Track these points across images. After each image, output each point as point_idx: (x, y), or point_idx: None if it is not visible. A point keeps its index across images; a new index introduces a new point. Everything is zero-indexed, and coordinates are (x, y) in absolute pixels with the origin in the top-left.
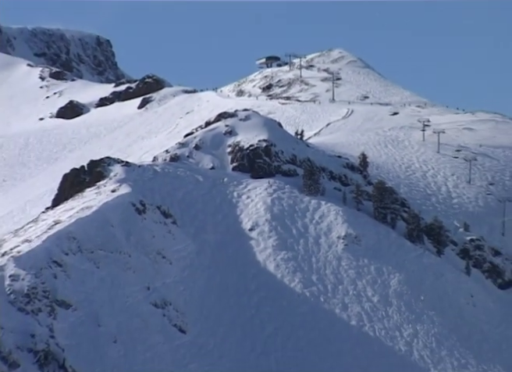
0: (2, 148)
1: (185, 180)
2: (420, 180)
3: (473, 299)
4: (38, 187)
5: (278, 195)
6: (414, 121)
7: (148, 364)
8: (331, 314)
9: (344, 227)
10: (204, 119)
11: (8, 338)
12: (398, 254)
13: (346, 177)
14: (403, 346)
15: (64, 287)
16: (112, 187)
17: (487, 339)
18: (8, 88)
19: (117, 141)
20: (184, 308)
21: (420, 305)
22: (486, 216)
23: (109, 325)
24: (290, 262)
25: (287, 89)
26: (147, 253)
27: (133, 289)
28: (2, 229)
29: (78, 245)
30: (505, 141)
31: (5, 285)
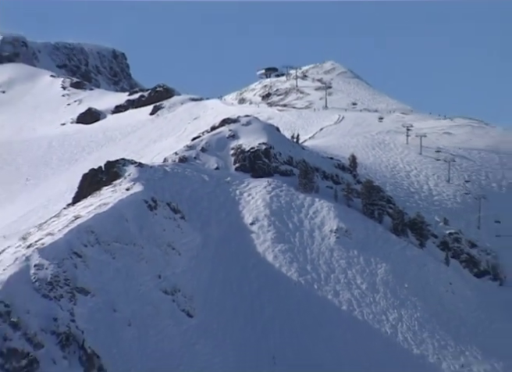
0: (28, 151)
1: (192, 179)
2: (404, 180)
3: (452, 287)
4: (60, 186)
5: (276, 193)
6: (398, 126)
7: (159, 345)
8: (324, 300)
9: (336, 221)
10: (210, 125)
11: (34, 322)
12: (384, 246)
13: (337, 176)
14: (389, 329)
15: (83, 275)
16: (127, 185)
17: (464, 323)
18: (33, 97)
19: (131, 144)
20: (191, 294)
21: (404, 292)
22: (463, 211)
23: (124, 310)
24: (287, 254)
25: (284, 97)
26: (158, 245)
27: (145, 278)
28: (28, 223)
29: (96, 237)
30: (480, 144)
31: (30, 274)
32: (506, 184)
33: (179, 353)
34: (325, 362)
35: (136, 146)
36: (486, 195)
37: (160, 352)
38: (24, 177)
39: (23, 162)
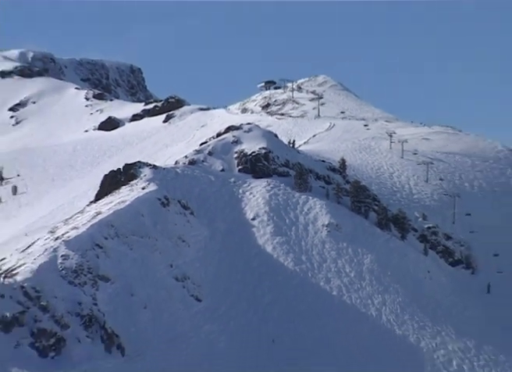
0: (55, 154)
1: (200, 179)
2: (387, 180)
3: (429, 274)
4: (83, 186)
5: (274, 192)
6: (382, 133)
7: (171, 326)
8: (317, 286)
9: (327, 217)
10: (216, 131)
11: (60, 305)
12: (370, 239)
13: (328, 177)
14: (374, 312)
15: (104, 264)
16: (142, 185)
17: (440, 306)
18: (60, 107)
19: (146, 149)
20: (200, 281)
21: (387, 279)
22: (440, 208)
23: (140, 295)
24: (284, 245)
25: (282, 107)
26: (170, 238)
27: (159, 266)
28: (55, 219)
29: (115, 231)
30: (455, 148)
31: (57, 263)
32: (477, 184)
33: (189, 333)
34: (318, 341)
35: (150, 150)
36: (460, 194)
37: (172, 332)
38: (52, 178)
39: (50, 165)
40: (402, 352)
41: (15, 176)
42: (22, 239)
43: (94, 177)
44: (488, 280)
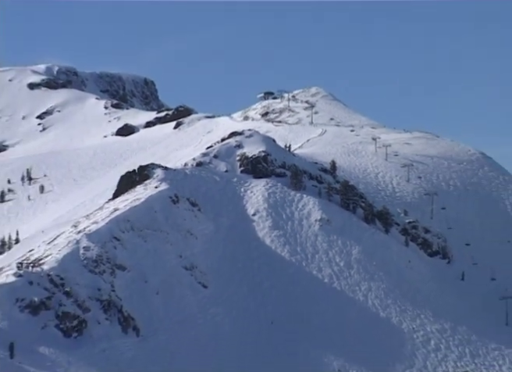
0: (78, 157)
1: (206, 179)
2: (373, 180)
3: (410, 264)
4: (103, 185)
5: (272, 190)
6: (368, 138)
7: (181, 310)
8: (310, 274)
9: (319, 213)
10: (220, 137)
11: (82, 291)
12: (357, 232)
13: (321, 177)
14: (361, 297)
15: (121, 255)
16: (155, 184)
17: (420, 292)
18: (82, 115)
19: (158, 152)
20: (206, 270)
21: (373, 268)
22: (419, 205)
23: (153, 282)
24: (281, 238)
25: (279, 115)
26: (180, 231)
27: (169, 257)
28: (78, 214)
29: (131, 225)
30: (433, 152)
31: (80, 254)
32: (452, 184)
33: (196, 316)
34: (311, 322)
35: (162, 153)
36: (437, 192)
37: (181, 315)
38: (75, 178)
39: (73, 167)
40: (385, 332)
41: (42, 176)
42: (48, 232)
43: (112, 177)
44: (462, 269)
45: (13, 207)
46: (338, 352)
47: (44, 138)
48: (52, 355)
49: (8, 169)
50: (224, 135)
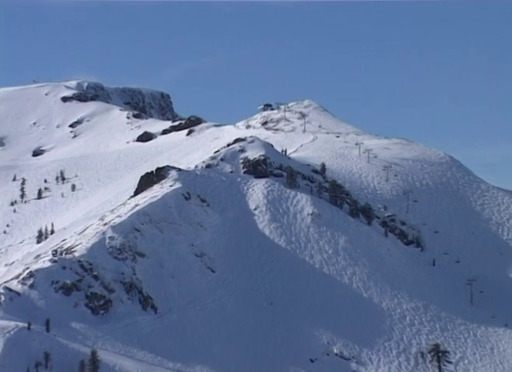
0: (104, 160)
1: (214, 179)
2: (357, 180)
3: (389, 251)
4: (125, 184)
5: (271, 188)
6: (353, 144)
7: (192, 291)
8: (303, 261)
9: (311, 207)
10: (226, 143)
11: (108, 275)
12: (344, 224)
13: (312, 177)
14: (347, 280)
15: (141, 244)
16: (170, 183)
17: (397, 275)
18: (107, 124)
19: (173, 156)
20: (214, 257)
21: (357, 255)
22: (397, 201)
23: (169, 267)
24: (278, 229)
25: (276, 124)
26: (191, 224)
27: (182, 245)
28: (104, 209)
29: (149, 218)
30: (408, 155)
31: (106, 243)
32: (425, 183)
33: (205, 296)
34: (304, 302)
35: (176, 157)
36: (412, 190)
37: (192, 295)
38: (101, 178)
39: (100, 168)
40: (368, 310)
41: (73, 176)
42: (79, 224)
43: (133, 177)
44: (433, 256)
45: (49, 203)
46: (327, 327)
47: (75, 144)
48: (82, 330)
49: (44, 171)
50: (229, 141)
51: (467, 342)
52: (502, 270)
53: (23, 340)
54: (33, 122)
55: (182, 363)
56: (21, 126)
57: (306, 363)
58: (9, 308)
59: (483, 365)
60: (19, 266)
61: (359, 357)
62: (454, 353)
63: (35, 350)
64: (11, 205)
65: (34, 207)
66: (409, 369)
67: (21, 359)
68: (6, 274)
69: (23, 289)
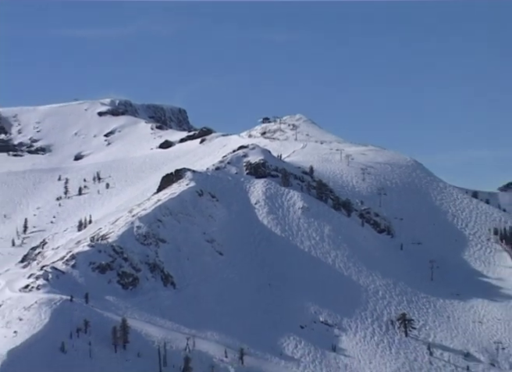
0: (132, 163)
1: (222, 179)
2: (339, 179)
3: (365, 238)
4: (149, 183)
5: (268, 187)
6: (335, 150)
7: (204, 270)
8: (295, 246)
9: (302, 202)
10: (232, 149)
11: (135, 257)
12: (328, 216)
13: (302, 177)
14: (331, 261)
15: (163, 232)
16: (186, 182)
17: (372, 258)
18: (135, 134)
19: (188, 160)
20: (222, 243)
21: (339, 241)
22: (371, 197)
23: (185, 251)
24: (275, 220)
25: (273, 134)
26: (203, 215)
27: (196, 233)
28: (132, 203)
29: (169, 211)
30: (381, 159)
31: (134, 231)
32: (394, 182)
33: (215, 275)
34: (295, 280)
35: (191, 161)
36: (383, 188)
37: (204, 274)
38: (130, 178)
39: (129, 170)
40: (347, 286)
41: (107, 177)
42: (112, 216)
43: (156, 177)
44: (401, 241)
45: (87, 198)
46: (314, 300)
47: (108, 150)
48: (114, 302)
49: (83, 172)
50: (234, 148)
51: (428, 312)
52: (457, 253)
53: (67, 310)
54: (75, 132)
55: (195, 329)
56: (65, 136)
57: (297, 329)
58: (55, 284)
59: (441, 330)
60: (63, 250)
61: (340, 324)
62: (418, 321)
63: (76, 318)
64: (56, 200)
65: (75, 202)
66: (381, 334)
67: (65, 326)
68: (53, 257)
69: (67, 269)
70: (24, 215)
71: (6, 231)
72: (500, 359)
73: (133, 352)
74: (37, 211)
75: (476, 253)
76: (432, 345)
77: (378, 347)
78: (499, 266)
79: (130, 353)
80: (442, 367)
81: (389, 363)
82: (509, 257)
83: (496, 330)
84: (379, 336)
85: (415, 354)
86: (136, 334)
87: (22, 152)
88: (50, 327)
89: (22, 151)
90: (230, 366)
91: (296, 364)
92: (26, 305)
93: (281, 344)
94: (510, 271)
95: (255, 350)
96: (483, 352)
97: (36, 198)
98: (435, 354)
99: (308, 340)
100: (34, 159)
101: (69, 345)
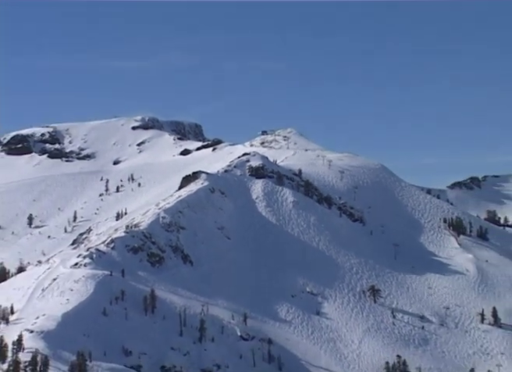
0: (159, 167)
1: (229, 179)
2: (322, 179)
3: (342, 225)
4: (172, 182)
5: (266, 185)
6: (319, 156)
7: (216, 251)
8: (287, 232)
9: (292, 197)
10: (237, 156)
11: (161, 240)
12: (313, 208)
13: (293, 178)
14: (315, 244)
15: (182, 221)
16: (201, 182)
17: (348, 240)
18: (161, 144)
19: (203, 164)
20: (229, 229)
21: (321, 228)
22: (348, 193)
23: (200, 236)
24: (271, 212)
25: (270, 144)
26: (215, 208)
27: (209, 222)
28: (158, 199)
29: (188, 204)
30: (355, 163)
31: (160, 220)
32: (366, 181)
33: (224, 255)
34: (287, 259)
35: (205, 165)
36: (357, 186)
37: (216, 254)
38: (158, 179)
39: (157, 172)
40: (329, 264)
41: (139, 178)
42: (142, 208)
43: (177, 178)
44: (371, 228)
45: (123, 195)
46: (303, 275)
47: (140, 157)
48: (145, 276)
49: (120, 174)
50: (239, 155)
51: (392, 284)
52: (414, 237)
53: (107, 282)
54: (114, 143)
55: (209, 298)
56: (106, 145)
57: (289, 297)
58: (99, 262)
59: (402, 298)
60: (104, 235)
61: (323, 294)
62: (383, 291)
63: (115, 289)
64: (99, 196)
65: (114, 197)
66: (355, 301)
67: (106, 295)
68: (96, 241)
69: (107, 250)
70: (74, 208)
71: (60, 221)
72: (448, 320)
73: (159, 315)
74: (84, 205)
75: (429, 237)
76: (394, 309)
77: (352, 311)
78: (448, 247)
79: (157, 316)
80: (402, 327)
81: (361, 324)
82: (455, 240)
83: (444, 298)
84: (353, 303)
85: (381, 317)
86: (161, 302)
87: (72, 159)
88: (94, 296)
89: (72, 157)
90: (236, 327)
91: (288, 325)
92: (75, 278)
93: (276, 309)
94: (455, 251)
95: (256, 314)
96: (434, 315)
97: (83, 194)
98: (397, 317)
99: (297, 306)
100: (82, 164)
101: (109, 310)
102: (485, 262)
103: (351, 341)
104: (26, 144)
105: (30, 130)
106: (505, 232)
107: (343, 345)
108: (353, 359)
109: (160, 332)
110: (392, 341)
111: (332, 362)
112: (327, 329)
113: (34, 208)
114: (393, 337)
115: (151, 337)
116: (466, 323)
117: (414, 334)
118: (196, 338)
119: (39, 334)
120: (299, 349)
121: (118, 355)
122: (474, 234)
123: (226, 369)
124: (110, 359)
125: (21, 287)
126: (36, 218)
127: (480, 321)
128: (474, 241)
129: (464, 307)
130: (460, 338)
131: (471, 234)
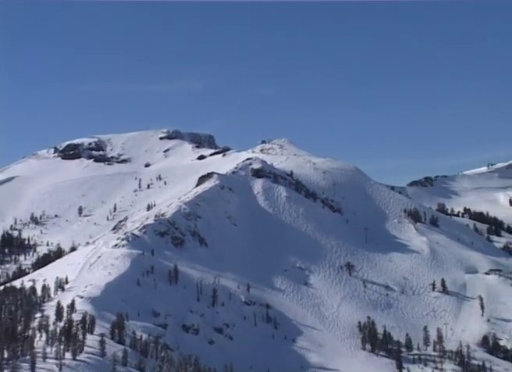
0: (179, 170)
1: (235, 179)
2: (308, 178)
3: (325, 216)
4: (191, 181)
5: (265, 183)
6: (307, 161)
7: (225, 236)
8: (282, 221)
9: (285, 193)
10: (242, 160)
11: (183, 227)
12: (302, 201)
13: (286, 178)
14: (304, 230)
15: (199, 211)
16: (214, 180)
17: (329, 228)
18: (182, 151)
19: (215, 166)
20: (236, 218)
21: (309, 217)
22: (330, 189)
23: (213, 224)
24: (270, 204)
25: (268, 151)
26: (225, 201)
27: (220, 213)
28: (180, 194)
29: (203, 198)
30: (335, 166)
31: (181, 211)
32: (344, 180)
33: (232, 239)
34: (282, 242)
35: (217, 167)
36: (336, 184)
37: (226, 237)
38: (179, 178)
39: (176, 174)
40: (314, 245)
41: (165, 177)
42: (167, 201)
43: (195, 178)
44: (347, 217)
45: (153, 191)
46: (294, 254)
47: (165, 161)
48: (169, 255)
49: (150, 174)
50: (244, 159)
51: (364, 261)
52: (381, 224)
53: (140, 260)
54: (145, 150)
55: (219, 271)
56: (139, 152)
57: (282, 271)
58: (133, 243)
59: (371, 272)
60: (138, 222)
61: (309, 268)
62: (357, 266)
63: (146, 265)
64: (133, 192)
65: (145, 193)
66: (334, 274)
67: (138, 270)
68: (132, 226)
69: (140, 234)
70: (114, 201)
71: (103, 211)
72: (407, 289)
73: (181, 285)
74: (122, 198)
75: (393, 224)
76: (365, 281)
77: (332, 282)
78: (407, 232)
79: (180, 286)
80: (371, 294)
81: (340, 292)
82: (412, 226)
83: (404, 271)
84: (333, 275)
85: (355, 286)
86: (183, 275)
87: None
88: (130, 270)
89: (112, 161)
90: (241, 294)
91: (282, 293)
92: (115, 256)
93: (272, 280)
94: (413, 235)
95: (257, 284)
96: (396, 284)
97: (121, 190)
98: (367, 286)
99: (289, 278)
100: (120, 166)
101: (142, 281)
102: (436, 243)
103: (331, 306)
104: (76, 151)
105: (80, 140)
106: (452, 220)
107: (325, 309)
108: (333, 319)
109: (181, 298)
110: (363, 305)
111: (316, 321)
112: (312, 296)
113: (83, 201)
114: (364, 302)
115: (174, 302)
116: (421, 291)
117: (381, 300)
118: (209, 302)
119: (87, 300)
120: (291, 312)
121: (148, 316)
122: (428, 222)
123: (233, 327)
124: (142, 319)
125: (73, 262)
126: (84, 209)
127: (432, 289)
128: (428, 227)
129: (420, 278)
130: (416, 302)
131: (425, 221)
